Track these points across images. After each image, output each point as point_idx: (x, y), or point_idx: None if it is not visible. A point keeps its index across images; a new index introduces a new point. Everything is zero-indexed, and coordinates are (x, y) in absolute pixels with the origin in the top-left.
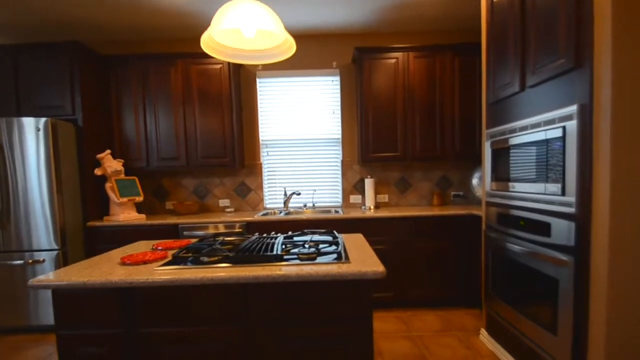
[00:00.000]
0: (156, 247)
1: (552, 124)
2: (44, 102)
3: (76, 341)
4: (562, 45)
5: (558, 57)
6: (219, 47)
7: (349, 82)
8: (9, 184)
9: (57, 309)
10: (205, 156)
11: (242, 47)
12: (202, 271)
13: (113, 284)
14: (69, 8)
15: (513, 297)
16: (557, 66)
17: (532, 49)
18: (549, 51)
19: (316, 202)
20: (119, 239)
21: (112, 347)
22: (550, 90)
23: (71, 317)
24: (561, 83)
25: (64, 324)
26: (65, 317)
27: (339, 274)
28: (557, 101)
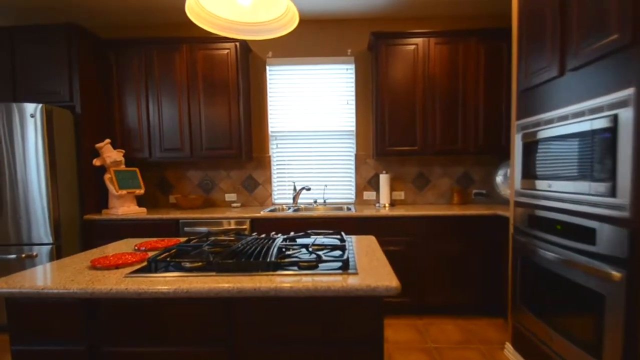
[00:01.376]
0: (138, 248)
1: (600, 112)
2: (40, 87)
3: (34, 358)
4: (615, 19)
5: (609, 33)
6: (209, 16)
7: (364, 70)
8: (4, 172)
9: (12, 322)
10: (210, 147)
11: (237, 19)
12: (178, 281)
13: (71, 294)
14: None
15: (544, 310)
16: (606, 44)
17: (574, 26)
18: (597, 27)
19: (327, 198)
20: (117, 233)
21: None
22: (597, 73)
23: (28, 330)
24: (612, 64)
25: (19, 337)
26: (20, 330)
27: (342, 289)
28: (606, 85)
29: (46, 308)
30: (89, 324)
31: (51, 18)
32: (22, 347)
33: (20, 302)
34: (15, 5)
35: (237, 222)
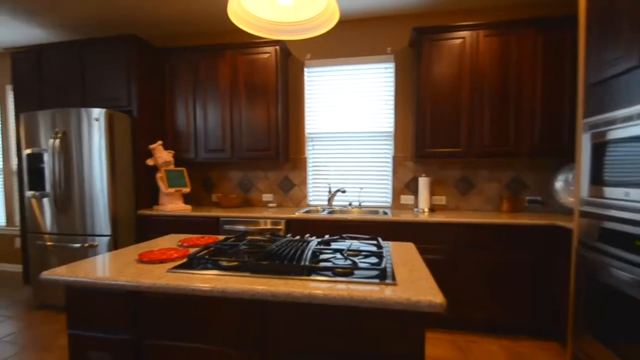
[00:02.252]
0: (181, 244)
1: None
2: (104, 94)
3: (86, 343)
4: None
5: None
6: (251, 18)
7: (404, 68)
8: (70, 170)
9: (69, 307)
10: (250, 149)
11: (279, 20)
12: (214, 279)
13: (119, 286)
14: (127, 3)
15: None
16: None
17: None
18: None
19: (363, 201)
20: (165, 228)
21: (119, 355)
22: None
23: (83, 316)
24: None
25: (75, 323)
26: (76, 315)
27: (380, 301)
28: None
29: (97, 297)
30: (134, 316)
31: (115, 30)
32: (76, 332)
33: (76, 289)
34: (87, 21)
35: (273, 222)
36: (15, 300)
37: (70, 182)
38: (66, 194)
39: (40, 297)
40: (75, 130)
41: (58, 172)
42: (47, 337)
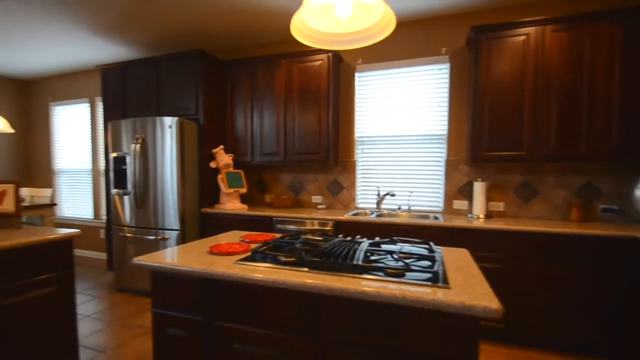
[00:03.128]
0: (243, 239)
1: None
2: (176, 104)
3: (166, 321)
4: None
5: None
6: (311, 32)
7: (460, 69)
8: (148, 171)
9: (154, 289)
10: (301, 152)
11: (337, 31)
12: (275, 272)
13: (195, 273)
14: (197, 22)
15: None
16: None
17: None
18: None
19: (412, 205)
20: (224, 225)
21: (193, 333)
22: None
23: (164, 297)
24: None
25: (158, 303)
26: (159, 296)
27: (433, 302)
28: None
29: (177, 281)
30: (206, 300)
31: (186, 46)
32: (158, 310)
33: (160, 274)
34: (162, 39)
35: (322, 223)
36: (100, 283)
37: (147, 182)
38: (144, 192)
39: (120, 281)
40: (152, 137)
41: (137, 173)
42: (127, 316)
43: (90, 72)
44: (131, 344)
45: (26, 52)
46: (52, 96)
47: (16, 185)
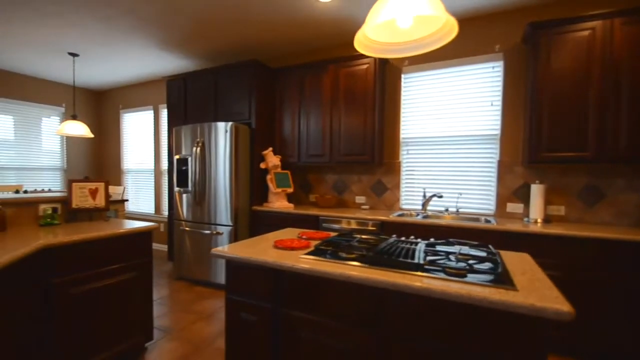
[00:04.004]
0: (301, 236)
1: None
2: (231, 110)
3: (237, 305)
4: None
5: None
6: (372, 43)
7: (515, 66)
8: (206, 172)
9: (228, 277)
10: (346, 153)
11: (397, 41)
12: (339, 267)
13: (267, 264)
14: (251, 34)
15: None
16: None
17: None
18: None
19: (461, 208)
20: (272, 222)
21: (263, 318)
22: None
23: (237, 285)
24: None
25: (231, 289)
26: (233, 284)
27: (502, 303)
28: None
29: (249, 271)
30: (275, 289)
31: (240, 56)
32: (232, 296)
33: (234, 264)
34: (220, 51)
35: (368, 223)
36: (161, 272)
37: (205, 182)
38: (202, 191)
39: (178, 271)
40: (210, 140)
41: (197, 173)
42: (186, 303)
43: (154, 82)
44: (193, 327)
45: (104, 68)
46: (122, 104)
47: (106, 184)
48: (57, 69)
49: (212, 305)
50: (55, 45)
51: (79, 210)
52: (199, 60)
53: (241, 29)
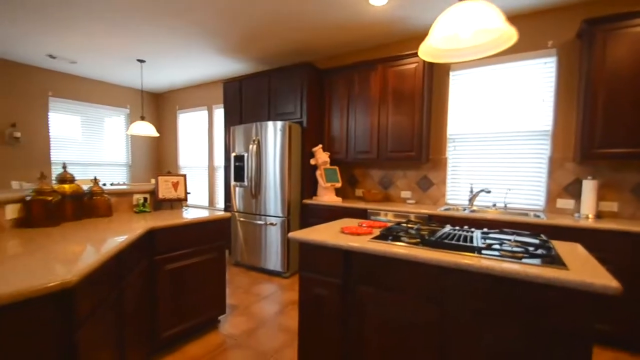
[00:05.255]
0: (360, 225)
1: None
2: (283, 109)
3: (310, 281)
4: None
5: None
6: (434, 51)
7: (569, 62)
8: (261, 167)
9: (302, 256)
10: (394, 150)
11: (457, 47)
12: (404, 248)
13: (340, 246)
14: (303, 38)
15: None
16: None
17: None
18: None
19: (509, 203)
20: (322, 215)
21: (333, 293)
22: None
23: (309, 263)
24: None
25: (305, 267)
26: (306, 262)
27: (555, 279)
28: None
29: (321, 252)
30: (345, 267)
31: (291, 59)
32: (305, 273)
33: (307, 246)
34: (273, 54)
35: (416, 217)
36: None
37: (260, 176)
38: (257, 185)
39: (235, 257)
40: (265, 138)
41: (253, 169)
42: (245, 285)
43: (209, 84)
44: (254, 306)
45: (166, 72)
46: (178, 105)
47: (184, 178)
48: (124, 74)
49: (267, 288)
50: (126, 53)
51: (164, 200)
52: (251, 63)
53: (293, 34)
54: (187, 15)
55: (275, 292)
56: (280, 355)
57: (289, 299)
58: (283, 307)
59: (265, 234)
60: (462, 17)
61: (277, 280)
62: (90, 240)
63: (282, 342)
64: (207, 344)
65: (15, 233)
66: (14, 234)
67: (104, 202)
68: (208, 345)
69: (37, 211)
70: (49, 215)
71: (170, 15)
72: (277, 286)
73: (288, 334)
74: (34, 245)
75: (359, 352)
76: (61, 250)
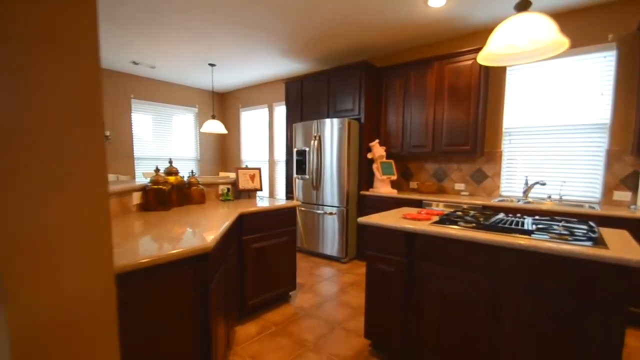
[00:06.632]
0: (420, 212)
1: None
2: (342, 107)
3: (376, 259)
4: None
5: None
6: (492, 56)
7: (629, 55)
8: (321, 161)
9: (368, 238)
10: (448, 144)
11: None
12: (462, 231)
13: (403, 229)
14: (362, 38)
15: None
16: None
17: None
18: None
19: (564, 195)
20: (378, 205)
21: (397, 269)
22: None
23: (375, 244)
24: None
25: (370, 247)
26: (371, 243)
27: (595, 256)
28: None
29: (385, 234)
30: (408, 247)
31: (348, 58)
32: (370, 252)
33: (373, 229)
34: (332, 54)
35: (469, 207)
36: None
37: (320, 170)
38: (318, 178)
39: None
40: (325, 134)
41: (314, 163)
42: (308, 268)
43: (269, 83)
44: (318, 285)
45: (232, 74)
46: (241, 103)
47: (259, 171)
48: (195, 77)
49: (327, 271)
50: (199, 58)
51: (243, 190)
52: (311, 62)
53: (353, 36)
54: (259, 23)
55: (335, 275)
56: (346, 325)
57: (348, 280)
58: (344, 287)
59: (323, 222)
60: (519, 29)
61: (335, 265)
62: (200, 220)
63: (346, 315)
64: (282, 313)
65: (140, 215)
66: (139, 216)
67: (198, 191)
68: (283, 315)
69: (153, 198)
70: (162, 202)
71: (243, 24)
72: (336, 270)
73: (350, 308)
74: (162, 223)
75: (419, 320)
76: (183, 227)
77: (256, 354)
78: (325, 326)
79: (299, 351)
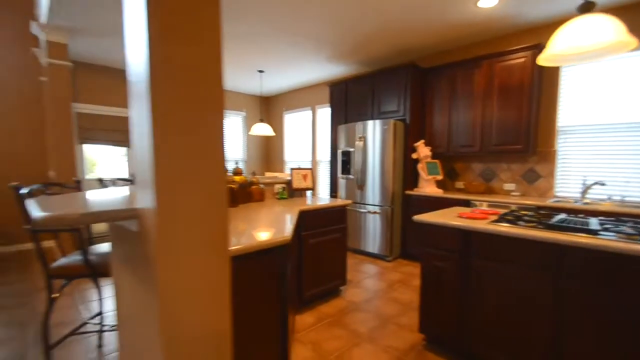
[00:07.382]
0: (474, 211)
1: None
2: (387, 108)
3: (431, 256)
4: None
5: None
6: (553, 57)
7: None
8: (367, 162)
9: (424, 236)
10: (499, 143)
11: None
12: (522, 230)
13: (458, 226)
14: (406, 39)
15: None
16: None
17: None
18: None
19: (626, 196)
20: (423, 205)
21: (452, 265)
22: None
23: (431, 241)
24: None
25: (427, 244)
26: (428, 240)
27: None
28: None
29: (441, 232)
30: (463, 244)
31: (392, 60)
32: (427, 249)
33: (428, 227)
34: (377, 57)
35: (519, 208)
36: None
37: (365, 170)
38: (363, 178)
39: None
40: (370, 135)
41: (359, 163)
42: (353, 265)
43: (313, 86)
44: (366, 281)
45: (278, 79)
46: (285, 106)
47: (311, 171)
48: (244, 83)
49: (372, 268)
50: (250, 65)
51: (296, 189)
52: (354, 66)
53: (399, 38)
54: (307, 30)
55: (381, 272)
56: (397, 320)
57: (394, 278)
58: (391, 284)
59: (367, 221)
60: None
61: (380, 263)
62: (266, 216)
63: (397, 310)
64: (335, 306)
65: None
66: None
67: (258, 190)
68: (336, 307)
69: None
70: (231, 199)
71: (294, 34)
72: (381, 267)
73: (400, 305)
74: (239, 217)
75: (475, 315)
76: (255, 222)
77: (316, 341)
78: (377, 320)
79: (355, 341)
